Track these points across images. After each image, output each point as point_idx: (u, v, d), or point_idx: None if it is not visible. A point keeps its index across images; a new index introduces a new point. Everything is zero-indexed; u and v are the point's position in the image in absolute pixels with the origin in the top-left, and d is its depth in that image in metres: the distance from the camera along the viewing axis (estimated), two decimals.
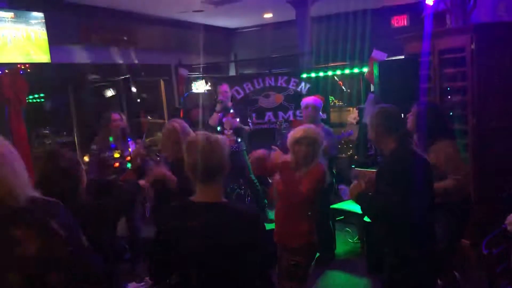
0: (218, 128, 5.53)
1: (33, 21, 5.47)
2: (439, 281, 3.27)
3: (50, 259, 1.60)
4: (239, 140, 5.60)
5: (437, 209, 3.16)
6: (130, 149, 4.31)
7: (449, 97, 4.35)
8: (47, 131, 8.76)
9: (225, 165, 1.93)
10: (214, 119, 5.56)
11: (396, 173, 2.44)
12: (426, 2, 4.76)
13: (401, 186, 2.38)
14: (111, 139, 4.39)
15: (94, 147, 4.39)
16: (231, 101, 5.84)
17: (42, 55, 5.55)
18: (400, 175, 2.42)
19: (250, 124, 5.79)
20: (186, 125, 3.40)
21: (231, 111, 5.61)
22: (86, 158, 5.67)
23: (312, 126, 3.19)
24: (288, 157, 3.08)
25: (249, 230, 1.89)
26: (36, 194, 1.69)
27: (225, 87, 5.69)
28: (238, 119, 5.56)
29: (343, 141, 6.62)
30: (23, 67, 5.35)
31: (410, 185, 2.39)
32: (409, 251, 2.46)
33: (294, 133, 3.04)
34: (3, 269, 1.56)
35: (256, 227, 1.93)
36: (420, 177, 2.45)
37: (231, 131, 5.54)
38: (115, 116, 4.44)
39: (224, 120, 5.55)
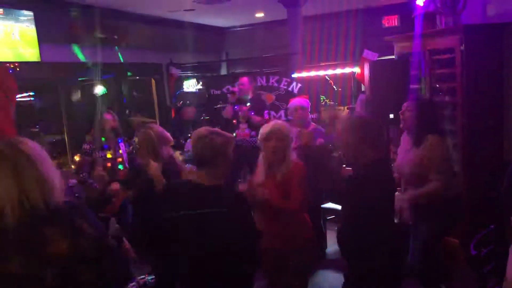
0: (234, 121, 5.45)
1: (22, 19, 5.42)
2: None
3: (81, 257, 1.64)
4: (253, 133, 5.40)
5: (423, 208, 3.21)
6: (121, 151, 4.31)
7: (439, 97, 4.39)
8: (37, 130, 8.70)
9: (222, 153, 2.25)
10: (228, 110, 5.47)
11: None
12: (417, 2, 4.79)
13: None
14: (103, 139, 4.37)
15: (86, 146, 4.37)
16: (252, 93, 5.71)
17: (31, 54, 5.51)
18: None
19: (266, 115, 5.73)
20: (163, 131, 3.32)
21: (248, 104, 5.51)
22: (76, 158, 5.64)
23: (279, 121, 3.15)
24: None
25: (239, 209, 2.20)
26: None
27: (244, 79, 5.64)
28: (253, 112, 5.45)
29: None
30: (12, 66, 5.30)
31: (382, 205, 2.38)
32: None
33: (262, 130, 2.97)
34: (37, 266, 1.59)
35: (244, 206, 2.26)
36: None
37: (246, 124, 5.44)
38: (108, 116, 4.42)
39: (240, 113, 5.44)
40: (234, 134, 5.46)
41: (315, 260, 3.04)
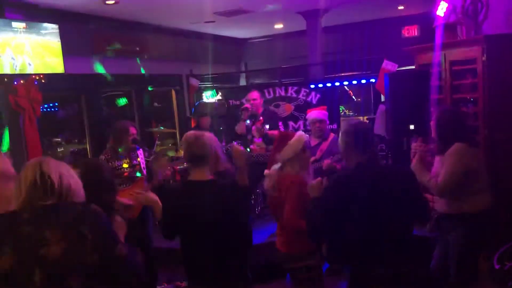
0: (248, 137, 5.45)
1: (47, 33, 5.56)
2: None
3: (74, 262, 1.66)
4: (271, 148, 5.48)
5: (449, 219, 3.17)
6: (138, 158, 4.33)
7: (461, 108, 4.34)
8: (60, 139, 8.88)
9: (210, 153, 2.57)
10: (241, 127, 5.49)
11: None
12: (437, 13, 4.77)
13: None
14: (120, 150, 4.37)
15: (102, 157, 4.39)
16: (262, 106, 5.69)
17: (56, 66, 5.64)
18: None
19: (281, 127, 5.72)
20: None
21: (260, 118, 5.50)
22: None
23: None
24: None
25: (232, 198, 2.53)
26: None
27: (255, 94, 5.62)
28: (267, 126, 5.41)
29: None
30: (37, 78, 5.44)
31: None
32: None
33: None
34: (29, 266, 1.62)
35: (237, 195, 2.56)
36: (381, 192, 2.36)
37: (261, 139, 5.42)
38: (133, 130, 4.40)
39: (253, 128, 5.44)
40: (248, 149, 5.46)
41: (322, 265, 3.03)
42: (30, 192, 1.75)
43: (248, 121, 5.45)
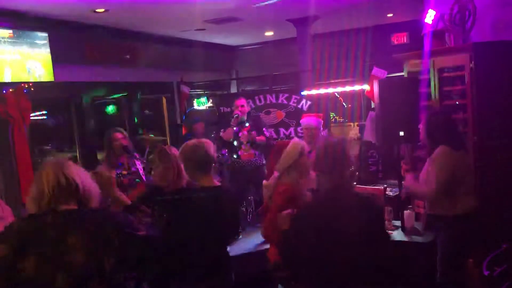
0: (235, 143, 5.46)
1: (37, 41, 5.54)
2: None
3: (98, 267, 1.65)
4: (257, 153, 5.49)
5: (436, 220, 3.24)
6: (137, 166, 4.32)
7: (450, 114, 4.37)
8: (49, 147, 8.80)
9: (212, 159, 2.75)
10: (228, 133, 5.47)
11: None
12: (425, 20, 4.81)
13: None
14: (115, 157, 4.38)
15: (100, 168, 4.38)
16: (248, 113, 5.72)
17: (46, 74, 5.61)
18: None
19: (266, 132, 5.74)
20: None
21: (247, 124, 5.53)
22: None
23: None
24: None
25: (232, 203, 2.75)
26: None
27: (242, 101, 5.63)
28: (254, 132, 5.45)
29: None
30: (26, 86, 5.40)
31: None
32: None
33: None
34: (52, 271, 1.61)
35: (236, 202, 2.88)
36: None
37: (248, 144, 5.45)
38: (118, 134, 4.43)
39: (240, 134, 5.46)
40: (235, 156, 5.49)
41: None
42: (55, 194, 1.72)
43: (235, 128, 5.46)
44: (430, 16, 4.72)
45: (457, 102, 4.25)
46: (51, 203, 1.72)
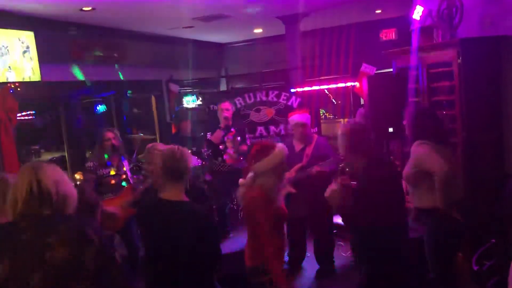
0: (220, 146, 5.40)
1: (23, 40, 5.47)
2: None
3: (78, 267, 1.63)
4: (242, 158, 5.38)
5: (421, 213, 3.26)
6: (124, 168, 4.32)
7: (438, 110, 4.40)
8: (38, 147, 8.73)
9: (187, 171, 2.53)
10: (217, 136, 5.42)
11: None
12: (413, 17, 4.83)
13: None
14: (106, 156, 4.40)
15: (90, 164, 4.40)
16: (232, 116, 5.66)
17: (32, 74, 5.54)
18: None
19: (248, 139, 5.72)
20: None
21: (231, 129, 5.46)
22: (77, 176, 5.64)
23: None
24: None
25: (201, 225, 2.44)
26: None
27: (227, 104, 5.57)
28: (239, 138, 5.39)
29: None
30: (13, 86, 5.33)
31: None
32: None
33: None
34: (30, 271, 1.59)
35: (206, 223, 2.50)
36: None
37: (235, 154, 5.35)
38: (109, 134, 4.45)
39: (225, 138, 5.38)
40: (219, 159, 5.41)
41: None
42: (27, 202, 1.70)
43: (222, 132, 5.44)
44: (418, 12, 4.74)
45: (445, 99, 4.27)
46: (24, 210, 1.70)
